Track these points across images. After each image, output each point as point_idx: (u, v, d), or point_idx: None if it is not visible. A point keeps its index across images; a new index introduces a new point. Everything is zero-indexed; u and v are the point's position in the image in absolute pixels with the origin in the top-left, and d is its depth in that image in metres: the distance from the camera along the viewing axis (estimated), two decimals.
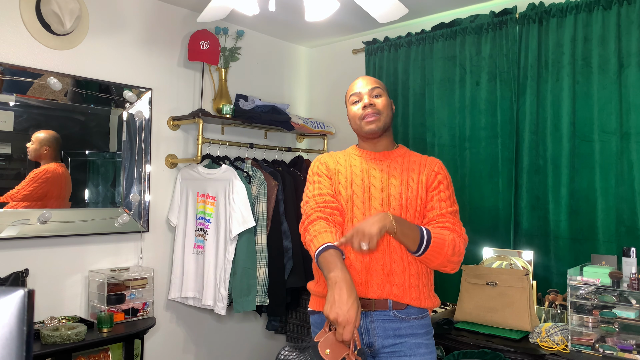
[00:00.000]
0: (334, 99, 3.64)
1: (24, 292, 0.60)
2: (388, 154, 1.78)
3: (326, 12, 1.90)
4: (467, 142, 2.87)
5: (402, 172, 1.73)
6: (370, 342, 1.64)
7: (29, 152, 2.44)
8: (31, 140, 2.45)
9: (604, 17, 2.42)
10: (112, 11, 2.73)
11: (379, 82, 1.80)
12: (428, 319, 1.70)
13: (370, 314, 1.63)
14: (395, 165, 1.75)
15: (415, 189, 1.70)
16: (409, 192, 1.70)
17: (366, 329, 1.63)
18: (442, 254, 1.57)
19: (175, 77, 3.00)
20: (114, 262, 2.73)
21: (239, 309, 2.73)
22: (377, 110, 1.73)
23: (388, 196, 1.69)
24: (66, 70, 2.54)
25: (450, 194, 1.71)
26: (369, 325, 1.63)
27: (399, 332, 1.62)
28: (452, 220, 1.64)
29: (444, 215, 1.64)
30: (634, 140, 2.33)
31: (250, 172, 2.92)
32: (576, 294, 2.12)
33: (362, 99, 1.75)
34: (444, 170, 1.76)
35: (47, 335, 2.15)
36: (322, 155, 1.84)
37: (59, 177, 2.55)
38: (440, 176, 1.72)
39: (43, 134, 2.47)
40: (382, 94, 1.77)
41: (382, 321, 1.62)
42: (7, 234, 2.32)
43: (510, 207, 2.68)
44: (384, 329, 1.62)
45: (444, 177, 1.73)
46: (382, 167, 1.75)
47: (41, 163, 2.49)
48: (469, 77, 2.87)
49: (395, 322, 1.62)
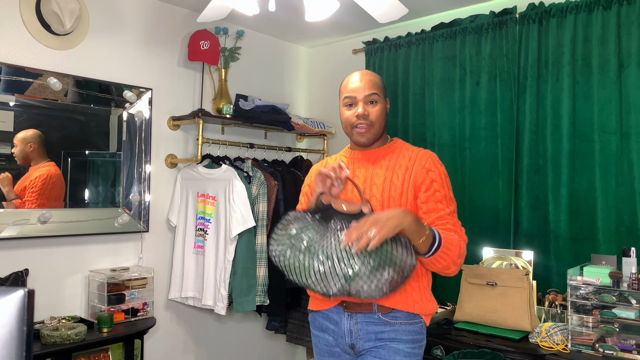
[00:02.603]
0: (334, 99, 3.64)
1: (24, 292, 0.60)
2: (377, 151, 1.70)
3: (326, 12, 1.90)
4: (467, 142, 2.86)
5: (388, 170, 1.64)
6: (352, 344, 1.63)
7: (16, 156, 2.38)
8: (14, 145, 2.38)
9: (604, 17, 2.42)
10: (112, 11, 2.73)
11: (375, 82, 1.68)
12: (420, 327, 1.61)
13: (355, 315, 1.61)
14: (382, 162, 1.67)
15: (399, 187, 1.61)
16: (391, 190, 1.61)
17: (349, 330, 1.62)
18: (449, 256, 1.50)
19: (175, 77, 3.00)
20: (114, 262, 2.73)
21: (239, 309, 2.73)
22: (370, 122, 1.64)
23: (370, 196, 1.62)
24: (66, 70, 2.54)
25: (445, 193, 1.60)
26: (352, 327, 1.61)
27: (381, 336, 1.58)
28: (452, 221, 1.58)
29: (443, 218, 1.57)
30: (634, 140, 2.33)
31: (250, 172, 2.92)
32: (576, 294, 2.12)
33: (357, 106, 1.65)
34: (437, 165, 1.64)
35: (47, 335, 2.15)
36: (320, 162, 1.81)
37: (59, 178, 2.54)
38: (432, 173, 1.61)
39: (23, 134, 2.40)
40: (379, 99, 1.66)
41: (365, 324, 1.60)
42: (7, 234, 2.32)
43: (510, 207, 2.68)
44: (366, 331, 1.60)
45: (437, 174, 1.61)
46: (367, 165, 1.68)
47: (31, 163, 2.43)
48: (469, 77, 2.87)
49: (379, 326, 1.59)
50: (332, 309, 1.67)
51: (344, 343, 1.65)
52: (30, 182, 2.44)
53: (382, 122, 1.69)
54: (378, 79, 1.70)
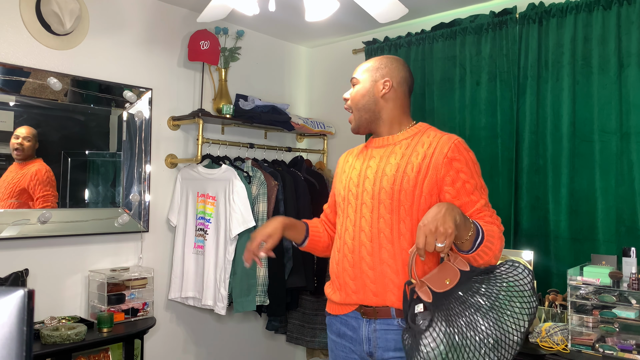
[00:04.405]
0: (334, 99, 3.64)
1: (24, 292, 0.60)
2: (391, 138, 1.58)
3: (326, 12, 1.89)
4: (467, 142, 2.83)
5: (402, 158, 1.50)
6: (371, 352, 1.53)
7: (25, 148, 2.39)
8: (16, 136, 2.37)
9: (604, 17, 2.42)
10: (112, 11, 2.73)
11: (364, 65, 1.62)
12: None
13: (374, 322, 1.51)
14: (397, 150, 1.54)
15: (412, 179, 1.46)
16: (403, 182, 1.46)
17: (368, 337, 1.53)
18: (492, 250, 1.38)
19: (175, 77, 3.00)
20: (114, 262, 2.73)
21: (239, 309, 2.73)
22: (348, 106, 1.63)
23: (379, 188, 1.50)
24: (66, 70, 2.54)
25: (476, 182, 1.45)
26: (370, 334, 1.52)
27: (400, 345, 1.47)
28: (489, 212, 1.45)
29: (480, 210, 1.43)
30: (634, 140, 2.33)
31: (250, 172, 2.92)
32: (576, 294, 2.12)
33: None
34: (462, 151, 1.47)
35: (47, 335, 2.15)
36: (347, 152, 1.74)
37: (51, 173, 2.54)
38: (457, 163, 1.44)
39: (25, 130, 2.40)
40: (359, 81, 1.60)
41: (384, 331, 1.50)
42: (7, 234, 2.32)
43: (510, 207, 2.68)
44: (385, 339, 1.50)
45: (464, 163, 1.45)
46: (381, 155, 1.56)
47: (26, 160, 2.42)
48: (469, 77, 2.87)
49: (398, 334, 1.48)
50: (350, 314, 1.58)
51: (361, 350, 1.55)
52: (33, 179, 2.44)
53: (363, 104, 1.60)
54: (371, 62, 1.63)
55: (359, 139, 3.36)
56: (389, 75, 1.59)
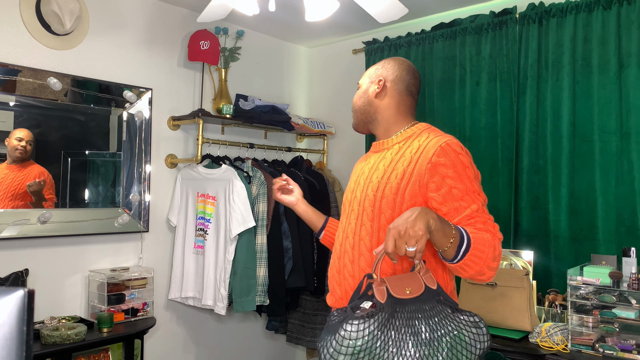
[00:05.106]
0: (334, 99, 3.64)
1: (24, 292, 0.59)
2: (386, 142, 1.54)
3: (326, 12, 1.89)
4: (467, 142, 2.86)
5: (390, 164, 1.44)
6: None
7: (27, 150, 2.40)
8: (19, 138, 2.38)
9: (604, 17, 2.42)
10: (112, 11, 2.73)
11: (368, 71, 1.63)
12: None
13: None
14: (387, 155, 1.49)
15: (394, 186, 1.39)
16: (385, 189, 1.40)
17: None
18: (482, 259, 1.25)
19: (175, 77, 3.00)
20: (114, 262, 2.73)
21: (239, 309, 2.73)
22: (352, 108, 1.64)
23: (364, 196, 1.46)
24: (66, 70, 2.54)
25: (466, 187, 1.32)
26: None
27: None
28: (482, 218, 1.31)
29: (471, 217, 1.30)
30: (634, 140, 2.33)
31: (250, 172, 2.92)
32: (576, 294, 2.12)
33: None
34: (450, 154, 1.34)
35: (47, 335, 2.15)
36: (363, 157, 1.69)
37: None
38: (443, 169, 1.33)
39: (25, 132, 2.41)
40: (362, 83, 1.61)
41: None
42: (7, 234, 2.32)
43: (510, 207, 2.68)
44: None
45: (451, 166, 1.33)
46: (375, 160, 1.52)
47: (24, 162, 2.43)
48: (469, 77, 2.87)
49: None
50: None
51: None
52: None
53: (359, 106, 1.59)
54: (375, 66, 1.62)
55: (358, 139, 3.37)
56: (383, 75, 1.57)
